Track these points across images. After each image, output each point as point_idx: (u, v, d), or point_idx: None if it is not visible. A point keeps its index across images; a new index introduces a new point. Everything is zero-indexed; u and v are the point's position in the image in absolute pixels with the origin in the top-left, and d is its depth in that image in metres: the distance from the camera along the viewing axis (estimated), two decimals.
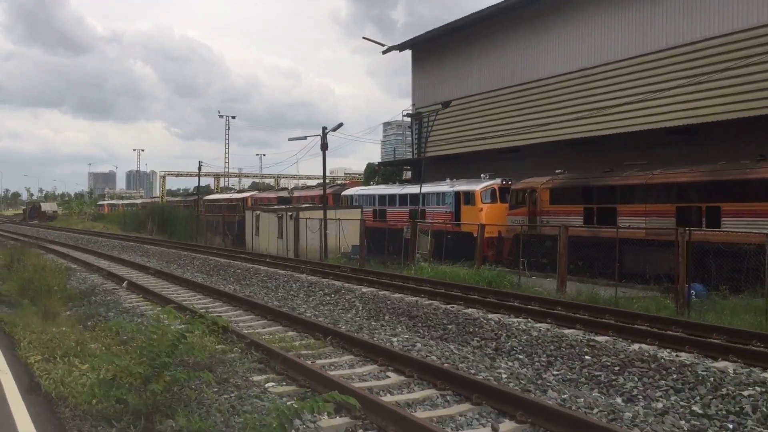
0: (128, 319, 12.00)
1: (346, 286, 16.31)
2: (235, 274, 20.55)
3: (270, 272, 19.95)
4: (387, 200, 35.52)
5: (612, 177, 23.44)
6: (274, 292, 16.95)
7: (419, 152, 40.58)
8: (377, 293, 15.10)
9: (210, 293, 15.64)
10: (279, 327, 11.23)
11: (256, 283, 18.63)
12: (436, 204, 32.21)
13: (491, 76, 35.06)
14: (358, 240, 30.96)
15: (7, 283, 17.23)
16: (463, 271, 19.47)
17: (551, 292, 16.91)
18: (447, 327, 11.49)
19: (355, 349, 9.06)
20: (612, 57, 28.14)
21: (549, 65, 31.37)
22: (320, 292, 16.05)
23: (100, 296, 14.94)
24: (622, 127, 27.29)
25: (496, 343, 10.27)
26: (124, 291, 16.17)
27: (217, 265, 22.88)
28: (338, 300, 14.89)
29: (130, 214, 62.75)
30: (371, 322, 12.60)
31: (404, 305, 13.37)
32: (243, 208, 52.04)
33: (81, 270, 21.01)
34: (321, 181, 69.31)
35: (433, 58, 39.43)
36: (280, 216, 32.25)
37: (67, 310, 13.89)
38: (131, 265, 23.38)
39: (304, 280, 17.97)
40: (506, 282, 17.92)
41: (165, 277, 19.25)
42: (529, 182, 26.85)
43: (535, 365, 9.14)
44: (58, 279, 15.82)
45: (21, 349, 9.12)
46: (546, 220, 25.64)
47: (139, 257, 27.65)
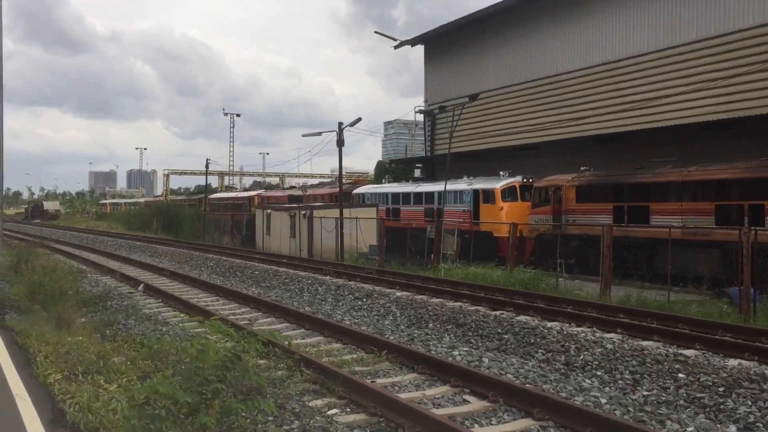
0: (151, 327, 10.87)
1: (377, 290, 15.17)
2: (253, 275, 19.41)
3: (290, 274, 18.81)
4: (401, 198, 34.38)
5: (644, 174, 22.31)
6: (299, 295, 15.81)
7: (432, 150, 39.46)
8: (413, 298, 13.97)
9: (233, 297, 14.49)
10: (320, 337, 10.09)
11: (277, 285, 17.49)
12: (454, 202, 31.06)
13: (508, 71, 33.92)
14: (373, 240, 29.86)
15: (16, 287, 16.09)
16: (495, 273, 18.34)
17: (592, 295, 15.76)
18: (503, 337, 10.36)
19: (419, 366, 7.91)
20: (639, 50, 27.00)
21: (571, 59, 30.23)
22: (350, 296, 14.91)
23: (115, 301, 13.80)
24: (649, 123, 26.18)
25: (565, 356, 9.14)
26: (141, 295, 15.04)
27: (232, 266, 21.74)
28: (371, 305, 13.76)
29: (134, 213, 61.54)
30: (414, 330, 11.48)
31: (447, 311, 12.24)
32: (249, 207, 50.92)
33: (92, 271, 19.86)
34: (324, 179, 68.33)
35: (446, 52, 38.29)
36: (292, 215, 31.10)
37: (82, 317, 12.75)
38: (143, 266, 22.23)
39: (329, 282, 16.84)
40: (543, 285, 16.78)
41: (181, 279, 18.10)
42: (554, 180, 25.72)
43: (618, 383, 8.02)
44: (70, 282, 14.67)
45: (38, 366, 8.00)
46: (572, 219, 24.54)
47: (150, 258, 26.50)
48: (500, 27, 34.06)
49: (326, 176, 79.90)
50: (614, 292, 17.08)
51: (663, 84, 25.90)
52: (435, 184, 32.76)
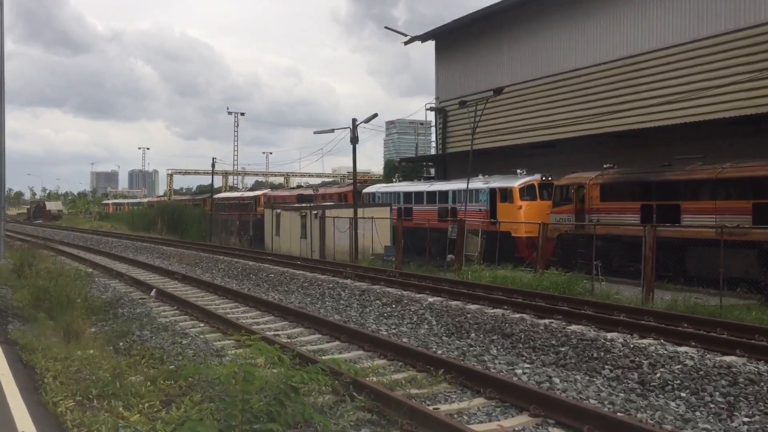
0: (169, 339, 9.79)
1: (405, 295, 14.09)
2: (268, 279, 18.33)
3: (308, 277, 17.72)
4: (413, 198, 33.28)
5: (674, 171, 21.23)
6: (321, 301, 14.74)
7: (444, 148, 38.39)
8: (447, 304, 12.88)
9: (253, 304, 13.41)
10: (360, 352, 9.00)
11: (295, 290, 16.41)
12: (469, 201, 29.97)
13: (524, 67, 32.84)
14: (385, 240, 28.80)
15: (19, 292, 15.01)
16: (525, 275, 17.27)
17: (634, 300, 14.69)
18: (559, 350, 9.29)
19: (485, 388, 6.82)
20: (662, 43, 25.92)
21: (590, 53, 29.15)
22: (377, 301, 13.83)
23: (127, 308, 12.72)
24: (673, 119, 25.10)
25: (638, 373, 8.07)
26: (153, 301, 13.96)
27: (245, 268, 20.66)
28: (402, 312, 12.69)
29: (138, 213, 60.40)
30: (455, 340, 10.41)
31: (489, 320, 11.16)
32: (255, 207, 49.85)
33: (99, 275, 18.78)
34: (327, 180, 67.11)
35: (458, 48, 37.18)
36: (303, 215, 30.03)
37: (92, 326, 11.68)
38: (152, 268, 21.15)
39: (352, 286, 15.75)
40: (580, 288, 15.71)
41: (194, 283, 17.02)
42: (576, 178, 24.66)
43: (709, 408, 6.95)
44: (78, 288, 13.58)
45: (46, 391, 6.93)
46: (596, 219, 23.47)
47: (158, 259, 25.42)
48: (516, 21, 32.99)
49: (328, 176, 78.75)
50: (662, 296, 16.05)
51: (688, 78, 24.84)
52: (449, 183, 31.68)
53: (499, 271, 18.19)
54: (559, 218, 24.97)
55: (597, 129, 28.16)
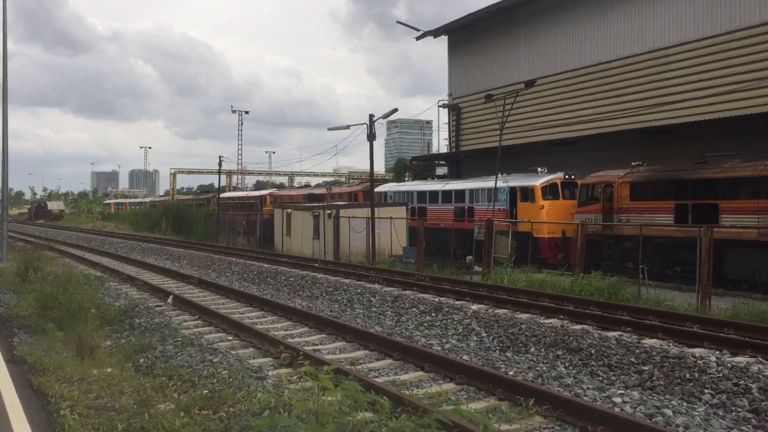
0: (197, 356, 8.60)
1: (444, 302, 12.91)
2: (288, 283, 17.14)
3: (331, 281, 16.52)
4: (428, 197, 32.11)
5: (711, 169, 20.07)
6: (350, 308, 13.56)
7: (457, 146, 37.21)
8: (495, 312, 11.70)
9: (282, 312, 12.18)
10: (420, 372, 7.80)
11: (320, 295, 15.22)
12: (487, 201, 28.79)
13: (542, 61, 31.66)
14: (401, 241, 27.63)
15: (23, 298, 13.83)
16: (563, 279, 16.10)
17: (687, 307, 13.52)
18: (641, 369, 8.11)
19: (596, 426, 5.63)
20: (691, 35, 24.76)
21: (613, 47, 27.97)
22: (413, 309, 12.65)
23: (143, 317, 11.52)
24: (704, 114, 23.94)
25: (747, 400, 6.91)
26: (171, 309, 12.78)
27: (261, 271, 19.47)
28: (445, 321, 11.50)
29: (141, 213, 59.12)
30: (514, 355, 9.25)
31: (547, 331, 9.97)
32: (261, 207, 48.65)
33: (108, 278, 17.57)
34: (329, 179, 65.79)
35: (472, 43, 35.99)
36: (316, 215, 28.83)
37: (106, 338, 10.51)
38: (163, 271, 19.94)
39: (381, 292, 14.56)
40: (626, 294, 14.54)
41: (212, 288, 15.80)
42: (603, 176, 23.52)
43: None
44: (89, 295, 12.41)
45: (64, 429, 5.77)
46: (625, 219, 22.34)
47: (168, 262, 24.21)
48: (533, 14, 31.81)
49: (329, 175, 77.33)
50: (677, 297, 14.96)
51: (720, 72, 23.67)
52: (466, 182, 30.50)
53: (535, 275, 16.98)
54: (584, 218, 23.81)
55: (621, 126, 27.01)
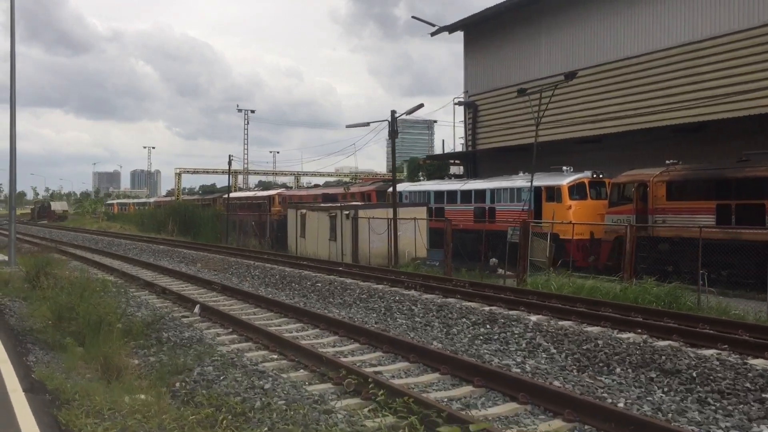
0: (244, 381, 7.43)
1: (497, 312, 11.75)
2: (316, 289, 15.97)
3: (362, 287, 15.36)
4: (445, 197, 30.97)
5: (757, 167, 18.93)
6: (390, 317, 12.40)
7: (474, 144, 36.04)
8: (558, 324, 10.54)
9: (325, 325, 10.94)
10: (514, 405, 6.60)
11: (353, 303, 14.06)
12: (510, 201, 27.70)
13: (564, 57, 30.50)
14: (422, 243, 26.51)
15: (35, 306, 12.67)
16: (613, 285, 14.95)
17: (755, 316, 12.37)
18: (762, 398, 6.96)
19: None
20: (726, 28, 23.61)
21: (641, 41, 26.82)
22: (463, 320, 11.49)
23: (172, 331, 10.34)
24: (741, 111, 22.80)
25: None
26: (199, 320, 11.61)
27: (284, 276, 18.29)
28: (504, 335, 10.34)
29: (147, 214, 57.90)
30: (596, 376, 8.10)
31: (631, 348, 8.81)
32: (269, 207, 47.50)
33: (126, 284, 16.36)
34: (330, 180, 64.40)
35: (490, 39, 34.82)
36: (333, 215, 27.68)
37: (132, 355, 9.33)
38: (180, 276, 18.76)
39: (423, 300, 13.39)
40: (687, 302, 13.39)
41: (238, 295, 14.60)
42: (636, 175, 22.39)
43: None
44: (111, 305, 11.23)
45: None
46: (661, 219, 21.22)
47: (183, 265, 23.02)
48: (555, 9, 30.65)
49: (331, 175, 75.97)
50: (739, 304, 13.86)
51: (757, 66, 22.54)
52: (487, 181, 29.35)
53: (578, 280, 15.82)
54: (616, 219, 22.71)
55: (650, 123, 25.87)
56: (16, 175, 18.53)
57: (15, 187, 18.67)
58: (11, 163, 18.53)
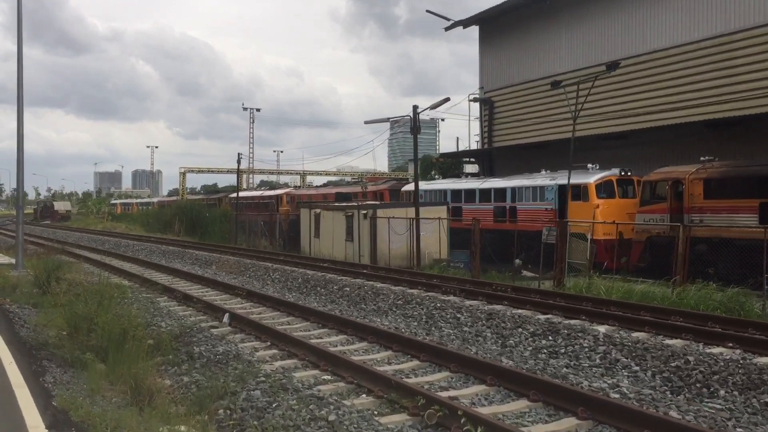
0: (302, 409, 6.31)
1: (556, 321, 10.63)
2: (344, 294, 14.86)
3: (397, 292, 14.24)
4: (463, 196, 29.84)
5: None
6: (436, 327, 11.28)
7: (490, 141, 34.94)
8: (628, 336, 9.44)
9: (373, 337, 9.75)
10: None
11: (388, 309, 12.95)
12: (532, 200, 26.58)
13: (587, 50, 29.39)
14: (441, 243, 25.42)
15: (49, 317, 11.59)
16: (666, 291, 13.85)
17: None
18: None
19: None
20: (762, 19, 22.50)
21: (669, 34, 25.70)
22: (519, 330, 10.37)
23: (203, 344, 9.22)
24: None
25: None
26: (230, 330, 10.49)
27: (308, 279, 17.18)
28: (571, 348, 9.23)
29: (153, 213, 56.72)
30: (695, 400, 7.01)
31: (729, 366, 7.71)
32: (277, 206, 46.37)
33: (144, 290, 15.24)
34: (332, 179, 63.09)
35: (507, 33, 33.69)
36: (349, 215, 26.57)
37: (162, 374, 8.22)
38: (198, 280, 17.62)
39: (467, 306, 12.27)
40: (757, 309, 12.29)
41: (266, 302, 13.44)
42: (670, 172, 21.29)
43: None
44: (129, 312, 10.12)
45: None
46: (698, 219, 20.11)
47: (197, 267, 21.90)
48: (577, 0, 29.54)
49: (333, 174, 74.70)
50: None
51: None
52: (507, 179, 28.22)
53: (625, 284, 14.71)
54: (648, 218, 21.62)
55: (680, 118, 24.76)
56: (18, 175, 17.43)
57: (23, 185, 17.55)
58: (18, 162, 17.45)
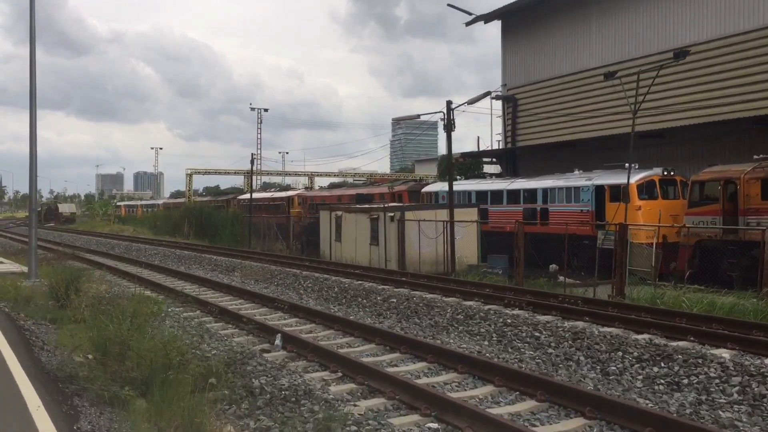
0: None
1: (661, 343, 9.13)
2: (390, 305, 13.35)
3: (451, 304, 12.73)
4: (489, 197, 28.37)
5: None
6: (512, 347, 9.79)
7: (513, 140, 33.46)
8: (762, 365, 7.95)
9: (465, 366, 8.20)
10: None
11: (448, 325, 11.45)
12: (566, 201, 25.09)
13: (619, 45, 27.91)
14: (472, 248, 23.94)
15: (68, 333, 10.09)
16: (759, 303, 12.36)
17: None
18: None
19: None
20: None
21: (710, 25, 24.23)
22: (618, 353, 8.87)
23: (261, 374, 7.71)
24: None
25: None
26: (285, 355, 8.98)
27: (343, 287, 15.67)
28: (694, 379, 7.75)
29: (161, 216, 55.14)
30: None
31: None
32: (288, 209, 44.88)
33: (165, 300, 13.70)
34: (335, 180, 61.50)
35: (532, 28, 32.20)
36: (374, 217, 25.08)
37: (221, 417, 6.70)
38: (228, 289, 16.02)
39: (544, 323, 10.76)
40: None
41: (313, 317, 11.84)
42: (723, 171, 19.84)
43: None
44: (172, 334, 8.60)
45: None
46: (755, 222, 18.68)
47: (219, 274, 20.37)
48: None
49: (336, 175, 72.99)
50: None
51: None
52: (539, 180, 26.73)
53: (708, 295, 13.21)
54: (697, 221, 20.15)
55: (725, 114, 23.31)
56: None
57: (36, 186, 16.02)
58: (31, 164, 15.96)
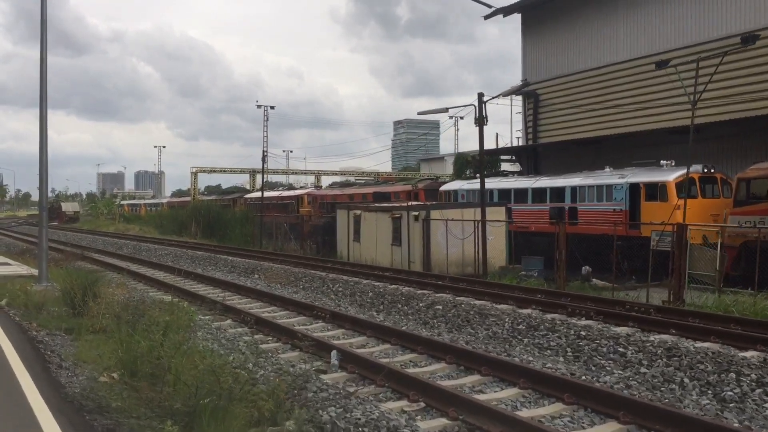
0: None
1: None
2: (435, 313, 12.07)
3: (505, 311, 11.44)
4: (513, 195, 27.09)
5: None
6: (595, 366, 8.52)
7: (534, 137, 32.16)
8: None
9: (555, 389, 7.03)
10: None
11: (511, 337, 10.17)
12: (597, 200, 23.82)
13: (648, 38, 26.62)
14: (497, 249, 22.69)
15: (86, 345, 8.81)
16: None
17: None
18: None
19: None
20: None
21: (748, 17, 22.97)
22: (730, 375, 7.61)
23: (326, 402, 6.43)
24: None
25: None
26: (344, 375, 7.70)
27: (377, 292, 14.38)
28: None
29: (166, 215, 53.79)
30: None
31: None
32: (297, 208, 43.67)
33: (188, 306, 12.37)
34: (336, 179, 60.00)
35: (554, 21, 30.91)
36: (396, 217, 23.79)
37: None
38: (255, 295, 14.64)
39: (622, 336, 9.48)
40: None
41: (361, 328, 10.51)
42: None
43: None
44: (216, 353, 7.32)
45: None
46: None
47: (238, 276, 19.05)
48: None
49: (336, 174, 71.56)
50: None
51: None
52: (565, 178, 25.46)
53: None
54: (744, 221, 18.90)
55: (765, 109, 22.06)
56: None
57: (46, 185, 14.70)
58: (41, 162, 14.65)
